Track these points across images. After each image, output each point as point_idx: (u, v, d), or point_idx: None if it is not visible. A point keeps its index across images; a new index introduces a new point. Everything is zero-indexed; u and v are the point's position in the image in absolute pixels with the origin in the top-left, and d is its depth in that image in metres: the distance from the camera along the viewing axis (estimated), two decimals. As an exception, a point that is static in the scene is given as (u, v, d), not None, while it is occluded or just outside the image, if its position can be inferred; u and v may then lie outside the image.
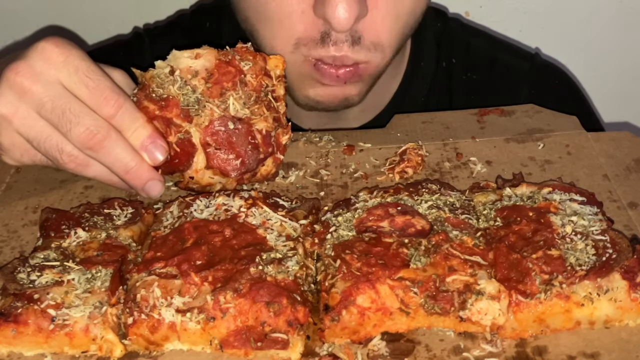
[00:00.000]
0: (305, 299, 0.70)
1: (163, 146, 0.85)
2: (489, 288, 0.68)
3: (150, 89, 0.86)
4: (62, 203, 0.90)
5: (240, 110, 0.86)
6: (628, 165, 0.90)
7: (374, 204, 0.79)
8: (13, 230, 0.86)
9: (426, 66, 1.28)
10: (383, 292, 0.68)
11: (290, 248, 0.74)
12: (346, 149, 0.97)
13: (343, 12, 0.93)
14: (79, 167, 0.86)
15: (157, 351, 0.69)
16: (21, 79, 0.83)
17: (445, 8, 1.49)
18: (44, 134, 0.84)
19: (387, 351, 0.67)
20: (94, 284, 0.71)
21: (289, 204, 0.82)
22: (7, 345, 0.69)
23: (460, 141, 0.97)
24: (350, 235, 0.75)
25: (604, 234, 0.72)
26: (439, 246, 0.72)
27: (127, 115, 0.83)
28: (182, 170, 0.87)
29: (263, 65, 0.89)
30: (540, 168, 0.91)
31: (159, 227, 0.79)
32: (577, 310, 0.67)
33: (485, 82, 1.30)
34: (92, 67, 0.83)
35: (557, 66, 1.40)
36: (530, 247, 0.71)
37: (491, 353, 0.67)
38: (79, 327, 0.68)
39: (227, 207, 0.79)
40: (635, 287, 0.68)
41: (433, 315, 0.68)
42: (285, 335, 0.67)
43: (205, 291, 0.69)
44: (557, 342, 0.68)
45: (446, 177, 0.90)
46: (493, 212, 0.78)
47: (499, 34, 1.48)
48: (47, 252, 0.75)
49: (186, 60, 0.87)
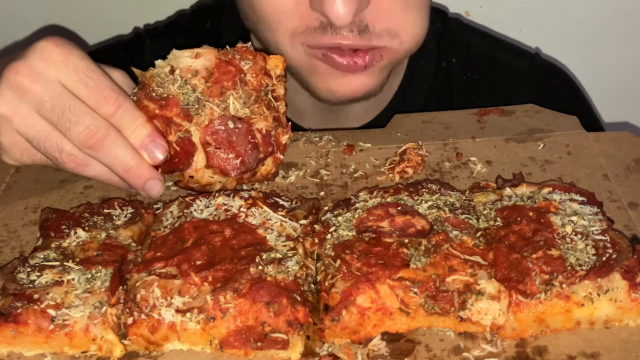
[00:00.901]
0: (305, 299, 0.70)
1: (163, 145, 0.85)
2: (489, 288, 0.68)
3: (150, 88, 0.86)
4: (62, 203, 0.90)
5: (240, 110, 0.86)
6: (628, 165, 0.90)
7: (374, 204, 0.79)
8: (13, 230, 0.86)
9: (426, 66, 1.28)
10: (383, 292, 0.68)
11: (290, 248, 0.74)
12: (346, 149, 0.97)
13: (341, 7, 0.92)
14: (79, 167, 0.86)
15: (157, 351, 0.69)
16: (21, 79, 0.83)
17: (445, 8, 1.50)
18: (43, 133, 0.84)
19: (387, 351, 0.67)
20: (94, 284, 0.71)
21: (289, 204, 0.82)
22: (7, 345, 0.69)
23: (460, 141, 0.97)
24: (350, 235, 0.75)
25: (604, 234, 0.72)
26: (439, 246, 0.71)
27: (126, 114, 0.83)
28: (182, 170, 0.87)
29: (263, 64, 0.89)
30: (540, 168, 0.91)
31: (159, 227, 0.79)
32: (577, 310, 0.67)
33: (485, 82, 1.30)
34: (91, 67, 0.83)
35: (557, 66, 1.40)
36: (530, 247, 0.71)
37: (491, 353, 0.67)
38: (79, 327, 0.68)
39: (227, 207, 0.79)
40: (635, 287, 0.68)
41: (433, 315, 0.68)
42: (285, 335, 0.67)
43: (205, 291, 0.69)
44: (557, 342, 0.68)
45: (446, 177, 0.90)
46: (493, 212, 0.78)
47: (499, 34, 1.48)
48: (47, 252, 0.75)
49: (186, 59, 0.87)
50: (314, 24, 0.98)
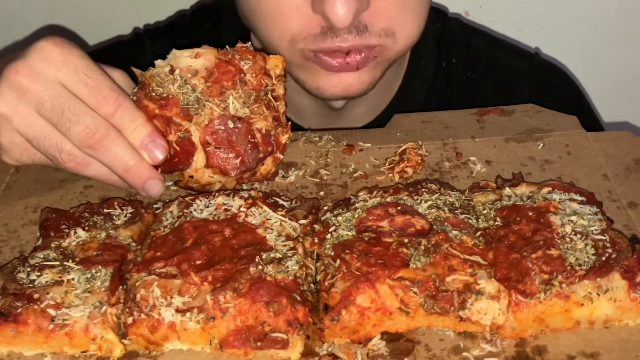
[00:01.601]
0: (305, 299, 0.70)
1: (163, 145, 0.85)
2: (489, 288, 0.68)
3: (150, 88, 0.86)
4: (62, 203, 0.90)
5: (240, 110, 0.86)
6: (628, 165, 0.90)
7: (374, 204, 0.79)
8: (13, 230, 0.86)
9: (426, 66, 1.28)
10: (383, 292, 0.68)
11: (290, 248, 0.74)
12: (346, 149, 0.97)
13: (342, 8, 0.93)
14: (79, 167, 0.86)
15: (157, 351, 0.69)
16: (21, 79, 0.83)
17: (445, 8, 1.50)
18: (43, 133, 0.84)
19: (387, 351, 0.67)
20: (94, 284, 0.71)
21: (289, 204, 0.82)
22: (7, 345, 0.69)
23: (460, 141, 0.97)
24: (350, 235, 0.75)
25: (604, 234, 0.72)
26: (439, 246, 0.71)
27: (126, 114, 0.83)
28: (182, 170, 0.87)
29: (263, 64, 0.89)
30: (540, 168, 0.91)
31: (159, 227, 0.79)
32: (577, 310, 0.67)
33: (485, 82, 1.30)
34: (91, 67, 0.83)
35: (557, 66, 1.40)
36: (530, 247, 0.71)
37: (491, 353, 0.67)
38: (79, 327, 0.68)
39: (227, 207, 0.79)
40: (635, 287, 0.68)
41: (433, 315, 0.68)
42: (285, 335, 0.67)
43: (205, 291, 0.69)
44: (557, 342, 0.67)
45: (446, 177, 0.90)
46: (493, 212, 0.78)
47: (499, 34, 1.48)
48: (47, 252, 0.75)
49: (186, 59, 0.87)
50: (315, 30, 0.98)
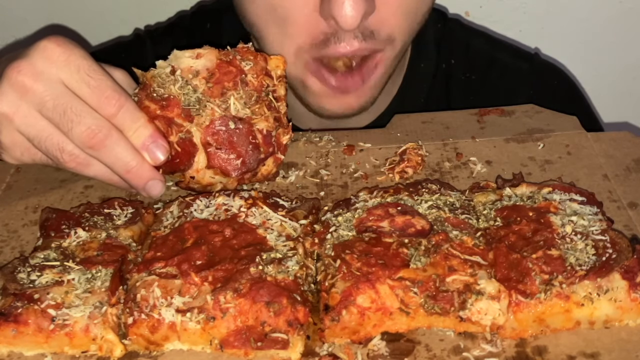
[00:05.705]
0: (305, 299, 0.70)
1: (164, 146, 0.85)
2: (489, 288, 0.68)
3: (151, 89, 0.86)
4: (62, 203, 0.90)
5: (241, 110, 0.86)
6: (628, 165, 0.90)
7: (374, 204, 0.79)
8: (13, 230, 0.86)
9: (426, 67, 1.28)
10: (383, 292, 0.68)
11: (290, 248, 0.74)
12: (346, 149, 0.97)
13: (350, 10, 0.93)
14: (80, 167, 0.86)
15: (157, 351, 0.69)
16: (22, 78, 0.83)
17: (445, 8, 1.49)
18: (45, 132, 0.84)
19: (387, 351, 0.67)
20: (94, 284, 0.71)
21: (289, 204, 0.82)
22: (7, 345, 0.70)
23: (460, 141, 0.97)
24: (350, 235, 0.75)
25: (604, 234, 0.72)
26: (439, 246, 0.72)
27: (128, 114, 0.83)
28: (183, 170, 0.88)
29: (264, 65, 0.89)
30: (540, 168, 0.91)
31: (159, 227, 0.79)
32: (577, 310, 0.68)
33: (485, 82, 1.30)
34: (93, 67, 0.83)
35: (557, 66, 1.40)
36: (530, 247, 0.71)
37: (491, 353, 0.67)
38: (79, 327, 0.68)
39: (227, 207, 0.79)
40: (635, 287, 0.68)
41: (433, 315, 0.68)
42: (285, 335, 0.67)
43: (205, 291, 0.69)
44: (557, 342, 0.68)
45: (446, 177, 0.91)
46: (493, 212, 0.78)
47: (499, 34, 1.48)
48: (47, 252, 0.75)
49: (187, 60, 0.87)
50: (319, 37, 0.98)
